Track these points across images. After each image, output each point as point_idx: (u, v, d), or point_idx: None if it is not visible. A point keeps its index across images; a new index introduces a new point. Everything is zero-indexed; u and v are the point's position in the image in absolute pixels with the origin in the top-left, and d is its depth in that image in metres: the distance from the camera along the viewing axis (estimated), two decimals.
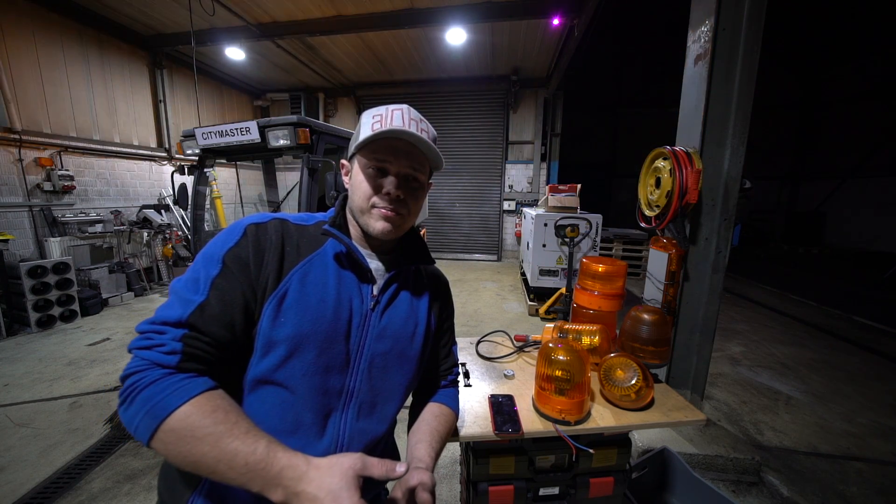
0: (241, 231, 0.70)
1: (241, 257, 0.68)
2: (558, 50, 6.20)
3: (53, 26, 4.73)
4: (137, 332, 0.61)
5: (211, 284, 0.64)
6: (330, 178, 2.74)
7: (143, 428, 0.53)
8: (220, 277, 0.65)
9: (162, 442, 0.53)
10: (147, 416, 0.53)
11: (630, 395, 1.06)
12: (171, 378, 0.57)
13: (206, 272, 0.65)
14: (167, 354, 0.58)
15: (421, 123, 0.74)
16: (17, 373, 3.11)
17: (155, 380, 0.56)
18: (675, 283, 2.07)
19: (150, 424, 0.53)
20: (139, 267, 5.57)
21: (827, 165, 10.31)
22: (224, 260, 0.66)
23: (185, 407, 0.54)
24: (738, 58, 1.88)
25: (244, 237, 0.70)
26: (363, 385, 0.73)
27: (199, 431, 0.53)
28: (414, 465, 0.72)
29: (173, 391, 0.55)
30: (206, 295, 0.63)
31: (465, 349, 1.46)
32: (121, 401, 0.56)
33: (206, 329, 0.61)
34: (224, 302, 0.64)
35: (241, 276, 0.66)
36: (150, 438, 0.53)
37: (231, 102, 8.09)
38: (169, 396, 0.54)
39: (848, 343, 3.85)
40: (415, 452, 0.76)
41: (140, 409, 0.54)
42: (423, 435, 0.80)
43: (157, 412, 0.53)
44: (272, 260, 0.70)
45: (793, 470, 2.05)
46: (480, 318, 4.57)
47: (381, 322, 0.76)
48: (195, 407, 0.55)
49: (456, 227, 8.68)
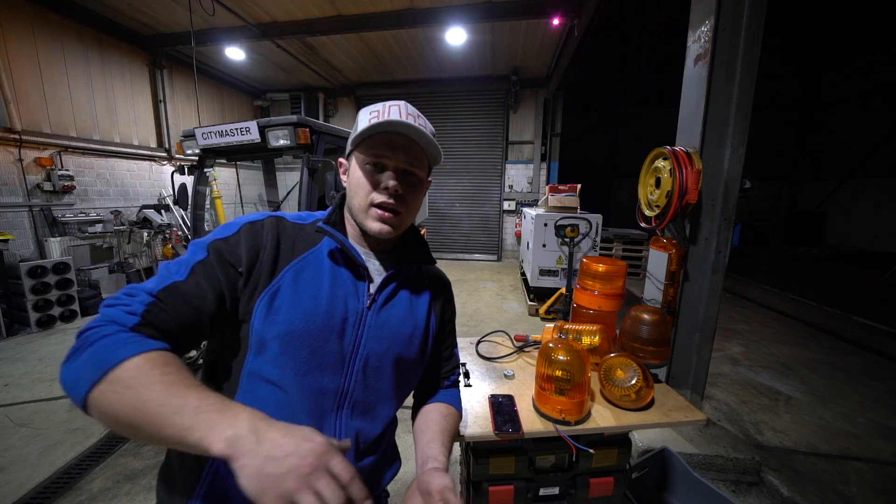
0: (235, 228, 0.71)
1: (230, 251, 0.68)
2: (558, 50, 6.20)
3: (53, 26, 4.73)
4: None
5: (192, 268, 0.65)
6: (330, 178, 2.74)
7: (84, 379, 0.49)
8: (202, 264, 0.66)
9: (102, 393, 0.48)
10: (92, 367, 0.50)
11: (630, 395, 1.06)
12: (126, 334, 0.54)
13: (192, 257, 0.67)
14: (128, 315, 0.57)
15: (419, 119, 0.73)
16: (17, 373, 3.11)
17: (108, 334, 0.53)
18: (675, 283, 2.07)
19: (92, 375, 0.49)
20: (139, 267, 5.57)
21: (827, 165, 10.30)
22: (209, 249, 0.68)
23: (136, 358, 0.51)
24: (738, 58, 1.88)
25: (237, 234, 0.70)
26: (358, 385, 0.72)
27: (147, 379, 0.49)
28: (431, 464, 0.71)
29: (126, 344, 0.52)
30: (184, 276, 0.64)
31: (465, 349, 1.46)
32: (67, 356, 0.52)
33: (172, 303, 0.61)
34: (199, 286, 0.64)
35: (221, 269, 0.67)
36: (89, 389, 0.49)
37: (231, 102, 8.09)
38: (120, 348, 0.51)
39: (848, 343, 3.85)
40: (429, 451, 0.74)
41: (86, 361, 0.51)
42: (434, 434, 0.79)
43: (102, 363, 0.49)
44: (266, 258, 0.70)
45: (793, 470, 2.05)
46: (480, 318, 4.57)
47: (378, 321, 0.75)
48: (146, 360, 0.51)
49: (456, 227, 8.68)
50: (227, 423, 0.46)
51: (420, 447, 0.77)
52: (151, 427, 0.47)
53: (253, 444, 0.45)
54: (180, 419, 0.46)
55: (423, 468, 0.71)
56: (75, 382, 0.50)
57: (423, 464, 0.72)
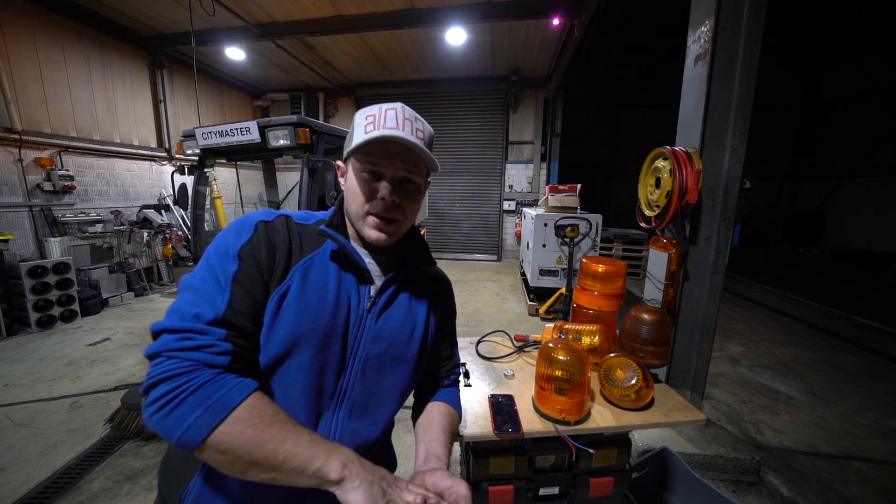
0: (251, 227, 0.70)
1: (255, 254, 0.67)
2: (558, 50, 6.20)
3: (53, 26, 4.73)
4: (159, 330, 0.59)
5: (233, 280, 0.64)
6: (330, 178, 2.75)
7: (202, 424, 0.52)
8: (240, 273, 0.65)
9: (224, 434, 0.52)
10: (207, 412, 0.53)
11: (630, 395, 1.06)
12: (226, 377, 0.57)
13: (224, 269, 0.65)
14: (218, 355, 0.58)
15: (416, 123, 0.71)
16: (17, 373, 3.11)
17: (209, 379, 0.55)
18: (675, 283, 2.07)
19: (211, 420, 0.52)
20: (139, 267, 5.57)
21: (827, 165, 10.30)
22: (240, 255, 0.66)
23: (249, 399, 0.56)
24: (738, 58, 1.88)
25: (256, 233, 0.69)
26: (356, 386, 0.72)
27: (265, 418, 0.55)
28: (433, 463, 0.71)
29: (233, 387, 0.56)
30: (229, 292, 0.63)
31: (465, 349, 1.46)
32: (159, 405, 0.53)
33: (240, 326, 0.62)
34: (248, 298, 0.64)
35: (257, 272, 0.67)
36: (209, 433, 0.52)
37: (231, 102, 8.09)
38: (231, 392, 0.55)
39: (848, 343, 3.85)
40: (431, 450, 0.74)
41: (195, 407, 0.53)
42: (436, 434, 0.79)
43: (219, 408, 0.53)
44: (281, 258, 0.70)
45: (793, 470, 2.05)
46: (480, 318, 4.57)
47: (377, 323, 0.75)
48: (257, 399, 0.57)
49: (456, 227, 8.68)
50: (338, 452, 0.56)
51: (423, 445, 0.77)
52: (274, 460, 0.53)
53: (360, 469, 0.56)
54: (303, 451, 0.54)
55: (425, 466, 0.70)
56: (188, 428, 0.52)
57: (426, 461, 0.72)
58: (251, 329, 0.64)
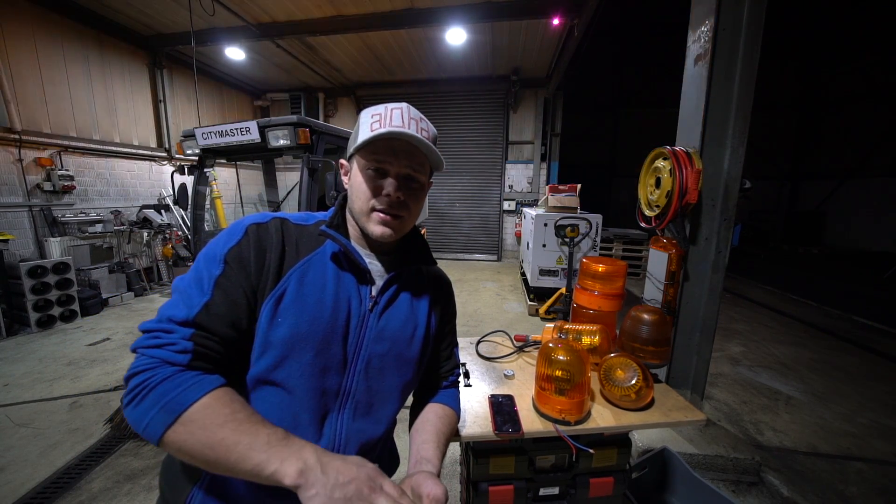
0: (242, 231, 0.70)
1: (241, 257, 0.68)
2: (558, 50, 6.20)
3: (53, 26, 4.73)
4: (142, 331, 0.61)
5: (214, 284, 0.64)
6: (330, 178, 2.74)
7: (158, 422, 0.53)
8: (223, 277, 0.65)
9: (177, 434, 0.53)
10: (162, 411, 0.53)
11: (630, 395, 1.06)
12: (184, 374, 0.57)
13: (209, 272, 0.65)
14: (178, 353, 0.58)
15: (421, 122, 0.72)
16: (17, 373, 3.11)
17: (167, 376, 0.56)
18: (675, 283, 2.07)
19: (165, 419, 0.53)
20: (139, 267, 5.57)
21: (827, 165, 10.31)
22: (226, 259, 0.67)
23: (203, 399, 0.55)
24: (738, 58, 1.88)
25: (245, 237, 0.70)
26: (360, 386, 0.73)
27: (219, 419, 0.53)
28: (423, 467, 0.71)
29: (189, 386, 0.55)
30: (210, 294, 0.63)
31: (465, 349, 1.46)
32: (128, 400, 0.55)
33: (212, 328, 0.62)
34: (228, 301, 0.64)
35: (242, 276, 0.67)
36: (164, 431, 0.53)
37: (231, 102, 8.09)
38: (186, 391, 0.55)
39: (848, 343, 3.85)
40: (422, 453, 0.74)
41: (153, 404, 0.54)
42: (429, 435, 0.79)
43: (173, 406, 0.53)
44: (273, 259, 0.70)
45: (793, 470, 2.05)
46: (480, 318, 4.57)
47: (380, 323, 0.76)
48: (213, 399, 0.56)
49: (456, 227, 8.67)
50: (296, 456, 0.52)
51: (414, 448, 0.77)
52: (227, 462, 0.52)
53: (320, 474, 0.51)
54: (255, 454, 0.51)
55: (415, 469, 0.70)
56: (147, 425, 0.53)
57: (416, 464, 0.72)
58: (225, 331, 0.63)
